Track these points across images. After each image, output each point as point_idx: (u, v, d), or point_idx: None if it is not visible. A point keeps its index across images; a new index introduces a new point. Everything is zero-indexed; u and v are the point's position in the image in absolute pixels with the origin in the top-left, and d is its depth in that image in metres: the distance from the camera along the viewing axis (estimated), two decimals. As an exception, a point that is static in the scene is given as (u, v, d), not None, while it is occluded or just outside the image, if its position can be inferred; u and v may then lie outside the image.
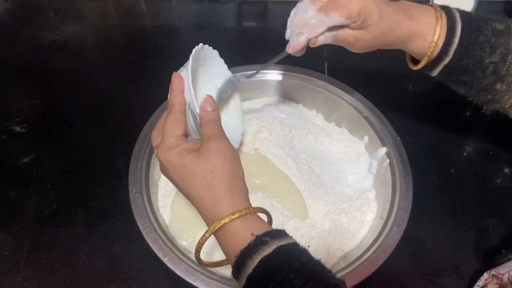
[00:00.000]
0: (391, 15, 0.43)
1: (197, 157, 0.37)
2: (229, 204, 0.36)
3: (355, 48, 0.46)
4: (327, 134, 0.64)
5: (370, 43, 0.45)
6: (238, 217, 0.35)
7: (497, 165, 0.64)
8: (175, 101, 0.41)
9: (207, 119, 0.40)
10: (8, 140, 0.65)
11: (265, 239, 0.34)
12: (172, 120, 0.40)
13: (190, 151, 0.38)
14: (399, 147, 0.57)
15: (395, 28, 0.44)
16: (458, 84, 0.47)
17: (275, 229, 0.36)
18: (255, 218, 0.36)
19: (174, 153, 0.39)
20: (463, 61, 0.44)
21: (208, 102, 0.41)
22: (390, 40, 0.45)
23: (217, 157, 0.37)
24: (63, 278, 0.51)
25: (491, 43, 0.43)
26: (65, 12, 0.87)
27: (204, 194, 0.37)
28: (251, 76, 0.51)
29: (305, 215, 0.54)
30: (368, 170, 0.60)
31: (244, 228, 0.35)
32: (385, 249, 0.48)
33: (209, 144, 0.38)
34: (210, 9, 0.89)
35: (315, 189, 0.55)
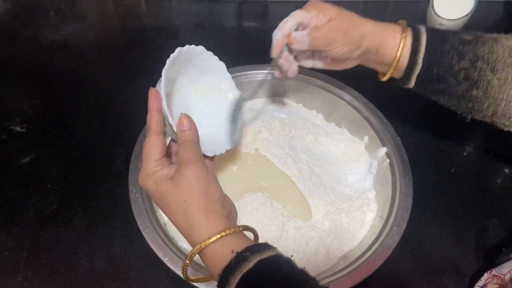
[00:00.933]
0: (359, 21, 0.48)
1: (171, 187, 0.38)
2: (205, 229, 0.36)
3: (333, 52, 0.48)
4: (327, 134, 0.64)
5: (343, 42, 0.47)
6: (216, 240, 0.35)
7: (497, 165, 0.64)
8: (151, 122, 0.40)
9: (182, 140, 0.40)
10: (8, 140, 0.65)
11: (246, 254, 0.34)
12: (149, 144, 0.39)
13: (166, 179, 0.38)
14: (399, 147, 0.57)
15: (365, 36, 0.47)
16: (436, 94, 0.49)
17: (257, 244, 0.36)
18: (236, 236, 0.36)
19: (151, 181, 0.39)
20: (433, 69, 0.46)
21: (182, 122, 0.40)
22: (360, 43, 0.48)
23: (189, 186, 0.37)
24: (63, 278, 0.51)
25: (458, 50, 0.45)
26: (65, 12, 0.87)
27: (180, 222, 0.38)
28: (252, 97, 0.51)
29: (308, 216, 0.54)
30: (368, 170, 0.60)
31: (224, 248, 0.35)
32: (385, 249, 0.48)
33: (181, 171, 0.38)
34: (210, 9, 0.88)
35: (315, 189, 0.55)
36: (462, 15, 0.72)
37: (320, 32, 0.47)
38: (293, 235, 0.51)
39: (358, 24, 0.48)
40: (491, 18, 0.88)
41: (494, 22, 0.87)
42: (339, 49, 0.47)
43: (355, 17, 0.49)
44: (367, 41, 0.48)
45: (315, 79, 0.65)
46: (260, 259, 0.33)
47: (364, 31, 0.47)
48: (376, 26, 0.48)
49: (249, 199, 0.52)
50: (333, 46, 0.47)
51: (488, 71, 0.44)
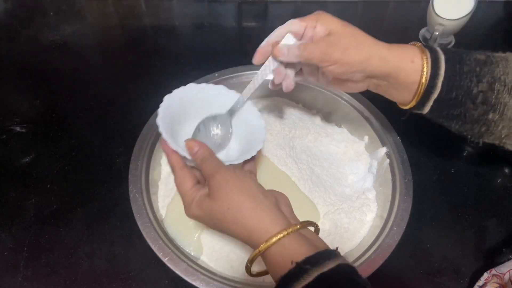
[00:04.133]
0: (364, 40, 0.44)
1: (211, 202, 0.39)
2: (261, 231, 0.36)
3: (328, 70, 0.44)
4: (327, 134, 0.64)
5: (340, 61, 0.43)
6: (274, 243, 0.35)
7: (497, 165, 0.64)
8: (172, 162, 0.43)
9: (199, 160, 0.41)
10: (8, 140, 0.65)
11: (305, 267, 0.33)
12: (178, 179, 0.42)
13: (204, 199, 0.39)
14: (399, 147, 0.57)
15: (371, 59, 0.43)
16: (450, 120, 0.46)
17: (318, 253, 0.34)
18: (295, 239, 0.35)
19: (194, 207, 0.40)
20: (452, 93, 0.43)
21: (190, 146, 0.42)
22: (363, 67, 0.43)
23: (224, 192, 0.38)
24: (63, 278, 0.51)
25: (476, 72, 0.42)
26: (65, 12, 0.87)
27: (237, 231, 0.38)
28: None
29: (316, 217, 0.54)
30: (368, 170, 0.60)
31: (283, 256, 0.34)
32: (385, 249, 0.48)
33: (212, 185, 0.39)
34: (210, 9, 0.88)
35: (315, 189, 0.55)
36: (462, 15, 0.72)
37: (315, 46, 0.43)
38: (293, 235, 0.51)
39: (361, 44, 0.43)
40: (491, 18, 0.88)
41: (494, 22, 0.87)
42: (334, 68, 0.43)
43: (361, 35, 0.44)
44: (373, 66, 0.43)
45: (315, 79, 0.65)
46: (320, 273, 0.32)
47: (369, 53, 0.43)
48: (387, 50, 0.43)
49: (249, 199, 0.52)
50: (327, 64, 0.43)
51: (505, 93, 0.42)
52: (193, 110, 0.50)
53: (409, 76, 0.43)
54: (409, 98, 0.46)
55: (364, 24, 0.87)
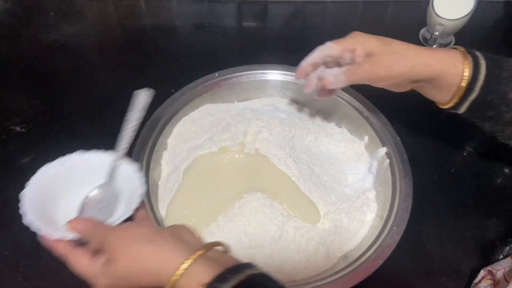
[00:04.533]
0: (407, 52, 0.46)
1: (112, 265, 0.37)
2: (168, 269, 0.35)
3: (377, 76, 0.47)
4: (327, 134, 0.64)
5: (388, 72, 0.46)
6: (183, 274, 0.34)
7: (497, 165, 0.64)
8: (58, 252, 0.41)
9: (87, 233, 0.41)
10: (8, 140, 0.65)
11: (215, 285, 0.32)
12: (73, 263, 0.40)
13: (105, 265, 0.38)
14: (399, 147, 0.57)
15: (416, 68, 0.45)
16: (484, 120, 0.48)
17: (227, 269, 0.33)
18: (202, 263, 0.34)
19: (102, 279, 0.38)
20: (488, 96, 0.45)
21: (72, 228, 0.41)
22: (409, 76, 0.46)
23: (122, 251, 0.37)
24: (63, 278, 0.51)
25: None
26: (65, 12, 0.87)
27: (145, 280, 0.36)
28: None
29: (316, 218, 0.54)
30: (368, 170, 0.60)
31: (192, 281, 0.33)
32: (385, 249, 0.48)
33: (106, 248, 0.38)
34: (210, 9, 0.88)
35: (315, 189, 0.55)
36: (462, 15, 0.72)
37: (360, 69, 0.46)
38: (293, 235, 0.51)
39: (404, 57, 0.46)
40: (491, 18, 0.88)
41: (494, 22, 0.87)
42: (383, 83, 0.47)
43: (402, 48, 0.46)
44: (418, 73, 0.46)
45: (315, 79, 0.65)
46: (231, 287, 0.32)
47: (412, 64, 0.45)
48: (430, 56, 0.46)
49: (249, 199, 0.52)
50: (376, 82, 0.47)
51: None
52: (67, 186, 0.49)
53: (451, 80, 0.46)
54: (448, 99, 0.48)
55: (364, 24, 0.87)
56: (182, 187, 0.55)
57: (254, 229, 0.50)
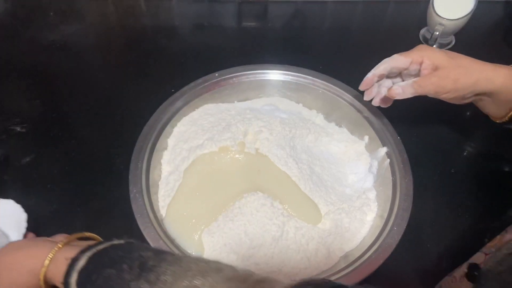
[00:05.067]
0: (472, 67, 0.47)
1: None
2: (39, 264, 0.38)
3: (446, 88, 0.48)
4: (327, 134, 0.64)
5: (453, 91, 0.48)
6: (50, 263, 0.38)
7: (497, 165, 0.64)
8: None
9: None
10: (8, 140, 0.65)
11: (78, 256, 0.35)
12: None
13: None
14: (399, 147, 0.57)
15: (479, 82, 0.47)
16: None
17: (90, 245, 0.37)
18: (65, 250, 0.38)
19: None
20: None
21: None
22: (473, 89, 0.48)
23: None
24: (63, 278, 0.51)
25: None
26: (65, 12, 0.87)
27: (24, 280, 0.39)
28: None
29: (318, 218, 0.54)
30: (368, 170, 0.60)
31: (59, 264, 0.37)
32: (385, 249, 0.48)
33: None
34: (210, 9, 0.88)
35: (316, 189, 0.56)
36: (462, 15, 0.72)
37: (428, 81, 0.48)
38: (293, 235, 0.51)
39: (469, 71, 0.47)
40: (491, 18, 0.88)
41: (494, 22, 0.88)
42: (448, 95, 0.48)
43: (467, 63, 0.48)
44: (481, 87, 0.47)
45: (315, 79, 0.65)
46: (92, 253, 0.35)
47: (477, 78, 0.47)
48: (492, 71, 0.47)
49: (249, 199, 0.52)
50: (442, 94, 0.48)
51: None
52: None
53: (510, 95, 0.47)
54: (503, 114, 0.50)
55: (364, 24, 0.87)
56: (182, 187, 0.55)
57: (255, 229, 0.50)
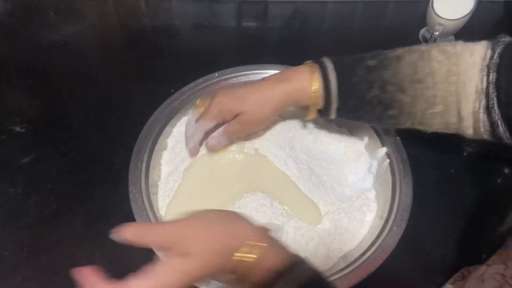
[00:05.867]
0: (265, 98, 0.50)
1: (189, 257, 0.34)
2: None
3: (250, 129, 0.55)
4: (327, 134, 0.64)
5: (258, 122, 0.54)
6: None
7: (497, 165, 0.64)
8: None
9: None
10: (8, 140, 0.65)
11: None
12: None
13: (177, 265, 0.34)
14: (399, 147, 0.57)
15: (270, 100, 0.50)
16: (358, 119, 0.51)
17: None
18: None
19: None
20: (349, 103, 0.49)
21: None
22: (277, 110, 0.51)
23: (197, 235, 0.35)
24: (63, 278, 0.51)
25: (366, 80, 0.47)
26: (65, 12, 0.87)
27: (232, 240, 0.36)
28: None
29: (318, 219, 0.54)
30: (368, 170, 0.60)
31: None
32: (385, 249, 0.48)
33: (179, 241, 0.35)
34: (210, 9, 0.88)
35: (315, 189, 0.56)
36: (462, 15, 0.72)
37: (234, 129, 0.52)
38: (293, 235, 0.51)
39: (264, 104, 0.50)
40: (491, 18, 0.88)
41: (494, 22, 0.87)
42: (257, 130, 0.55)
43: (257, 98, 0.50)
44: (282, 107, 0.51)
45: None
46: None
47: (274, 103, 0.50)
48: (283, 88, 0.49)
49: (249, 199, 0.52)
50: (251, 132, 0.55)
51: (397, 92, 0.46)
52: None
53: (308, 100, 0.50)
54: (313, 115, 0.52)
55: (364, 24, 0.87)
56: (182, 187, 0.55)
57: (254, 229, 0.50)
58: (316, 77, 0.48)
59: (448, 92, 0.45)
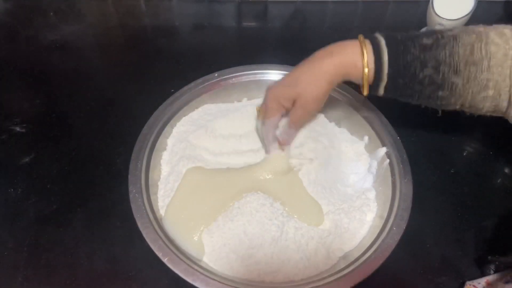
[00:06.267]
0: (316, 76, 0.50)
1: None
2: None
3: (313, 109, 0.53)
4: (327, 134, 0.64)
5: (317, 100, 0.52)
6: None
7: (497, 165, 0.64)
8: None
9: None
10: (8, 140, 0.65)
11: None
12: None
13: None
14: (399, 147, 0.57)
15: (322, 77, 0.49)
16: (406, 98, 0.50)
17: None
18: None
19: None
20: (399, 81, 0.47)
21: None
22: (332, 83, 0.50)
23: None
24: (63, 278, 0.51)
25: (420, 59, 0.46)
26: (65, 12, 0.87)
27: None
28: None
29: (320, 220, 0.54)
30: (368, 170, 0.60)
31: None
32: (385, 249, 0.48)
33: None
34: (210, 9, 0.89)
35: (315, 189, 0.55)
36: (462, 15, 0.72)
37: (297, 117, 0.52)
38: (293, 235, 0.51)
39: (315, 82, 0.50)
40: (491, 18, 0.88)
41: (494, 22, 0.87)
42: (319, 109, 0.53)
43: (307, 76, 0.50)
44: (334, 83, 0.50)
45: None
46: None
47: (325, 81, 0.49)
48: (333, 66, 0.49)
49: (249, 199, 0.52)
50: (315, 113, 0.55)
51: (451, 73, 0.45)
52: None
53: (358, 76, 0.49)
54: (367, 91, 0.50)
55: (364, 24, 0.87)
56: (181, 187, 0.55)
57: (254, 229, 0.50)
58: (367, 52, 0.47)
59: (502, 76, 0.44)
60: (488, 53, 0.44)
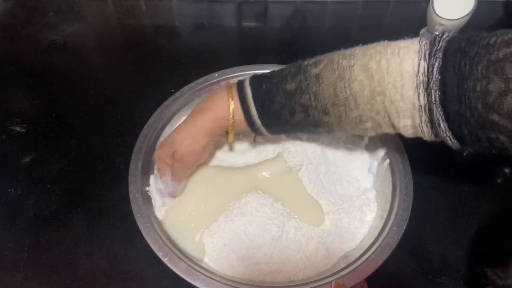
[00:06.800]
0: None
1: None
2: None
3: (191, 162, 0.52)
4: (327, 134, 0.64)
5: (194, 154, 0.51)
6: None
7: (497, 165, 0.64)
8: None
9: None
10: (8, 140, 0.65)
11: None
12: None
13: None
14: (399, 147, 0.57)
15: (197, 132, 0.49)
16: (291, 134, 0.53)
17: None
18: None
19: None
20: (276, 127, 0.48)
21: None
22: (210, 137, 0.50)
23: None
24: (63, 278, 0.51)
25: (288, 107, 0.45)
26: (65, 12, 0.87)
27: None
28: None
29: (320, 220, 0.54)
30: (368, 170, 0.60)
31: None
32: (385, 249, 0.48)
33: None
34: (210, 9, 0.89)
35: (316, 189, 0.55)
36: (462, 15, 0.72)
37: (175, 169, 0.51)
38: (293, 235, 0.51)
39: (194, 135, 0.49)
40: (491, 18, 0.88)
41: (494, 22, 0.88)
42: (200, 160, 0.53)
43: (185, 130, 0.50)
44: (214, 132, 0.49)
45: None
46: None
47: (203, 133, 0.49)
48: (208, 119, 0.48)
49: (249, 199, 0.52)
50: (196, 165, 0.53)
51: (321, 114, 0.44)
52: None
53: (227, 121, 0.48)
54: (232, 138, 0.51)
55: (364, 24, 0.87)
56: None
57: (255, 229, 0.50)
58: (235, 107, 0.47)
59: (374, 112, 0.42)
60: (353, 92, 0.41)
